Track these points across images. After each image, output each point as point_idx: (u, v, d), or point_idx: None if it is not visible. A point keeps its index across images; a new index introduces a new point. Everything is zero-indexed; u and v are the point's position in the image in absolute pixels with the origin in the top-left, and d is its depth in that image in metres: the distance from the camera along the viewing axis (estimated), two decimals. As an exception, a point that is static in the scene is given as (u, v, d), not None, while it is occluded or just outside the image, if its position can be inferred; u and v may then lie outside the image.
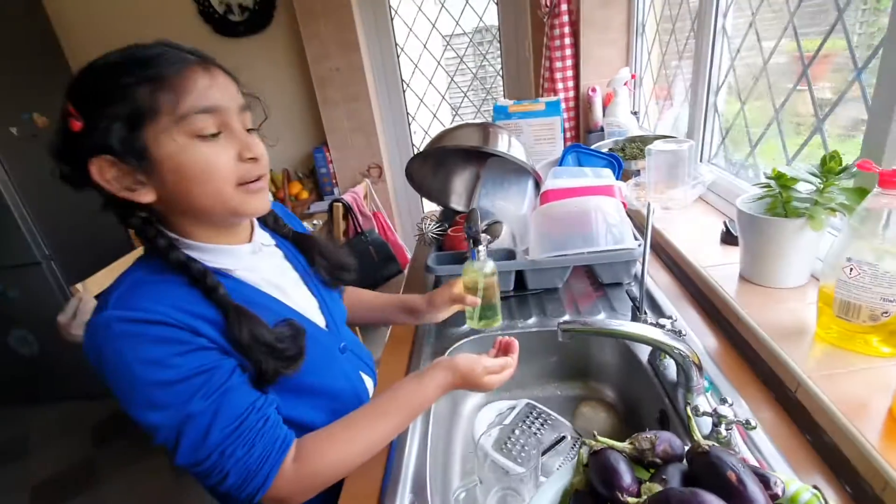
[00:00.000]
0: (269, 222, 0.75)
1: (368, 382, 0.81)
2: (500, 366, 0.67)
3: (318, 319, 0.72)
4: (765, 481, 0.38)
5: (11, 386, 2.40)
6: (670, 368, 0.72)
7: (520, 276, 1.02)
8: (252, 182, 0.57)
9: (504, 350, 0.72)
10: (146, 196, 0.54)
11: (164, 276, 0.56)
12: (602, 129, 1.65)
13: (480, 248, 0.79)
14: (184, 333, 0.52)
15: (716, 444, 0.40)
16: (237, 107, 0.56)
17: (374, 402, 0.64)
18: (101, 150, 0.51)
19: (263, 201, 0.60)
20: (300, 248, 0.75)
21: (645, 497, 0.36)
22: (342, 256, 0.78)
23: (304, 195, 2.55)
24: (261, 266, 0.66)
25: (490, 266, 0.81)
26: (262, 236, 0.70)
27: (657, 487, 0.37)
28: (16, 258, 2.07)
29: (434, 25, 2.48)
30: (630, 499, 0.37)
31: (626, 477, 0.39)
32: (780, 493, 0.37)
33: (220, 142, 0.55)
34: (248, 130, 0.59)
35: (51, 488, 1.93)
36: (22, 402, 2.42)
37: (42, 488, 1.93)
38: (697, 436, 0.41)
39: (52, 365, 2.31)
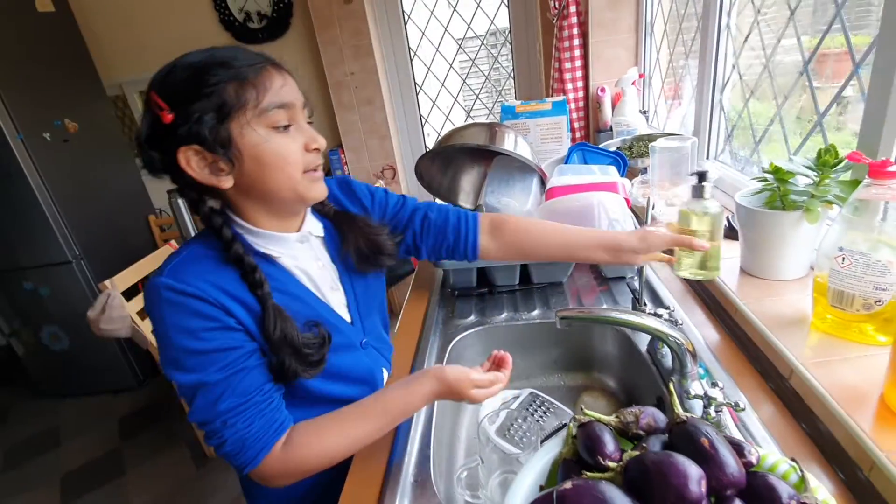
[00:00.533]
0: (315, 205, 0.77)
1: (386, 377, 0.83)
2: (489, 381, 0.67)
3: (344, 314, 0.75)
4: (739, 449, 0.40)
5: (45, 380, 2.52)
6: (667, 357, 0.74)
7: (525, 270, 1.05)
8: (314, 170, 0.64)
9: (497, 364, 0.71)
10: (226, 182, 0.60)
11: (220, 258, 0.62)
12: (611, 128, 1.67)
13: (706, 183, 0.70)
14: (217, 311, 0.58)
15: (694, 415, 0.42)
16: (301, 103, 0.63)
17: (362, 403, 0.66)
18: (190, 140, 0.56)
19: (323, 188, 0.66)
20: (336, 228, 0.76)
21: (624, 461, 0.39)
22: (380, 238, 0.75)
23: (320, 196, 2.62)
24: (303, 255, 0.70)
25: (716, 205, 0.70)
26: (314, 226, 0.73)
27: (637, 454, 0.40)
28: (48, 257, 2.18)
29: (446, 29, 2.53)
30: (610, 463, 0.40)
31: (610, 445, 0.42)
32: (753, 461, 0.40)
33: (291, 133, 0.61)
34: (308, 124, 0.65)
35: (79, 478, 2.02)
36: (54, 395, 2.54)
37: (71, 478, 2.03)
38: (678, 408, 0.43)
39: (80, 360, 2.41)
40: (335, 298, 0.74)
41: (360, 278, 0.78)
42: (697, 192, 0.70)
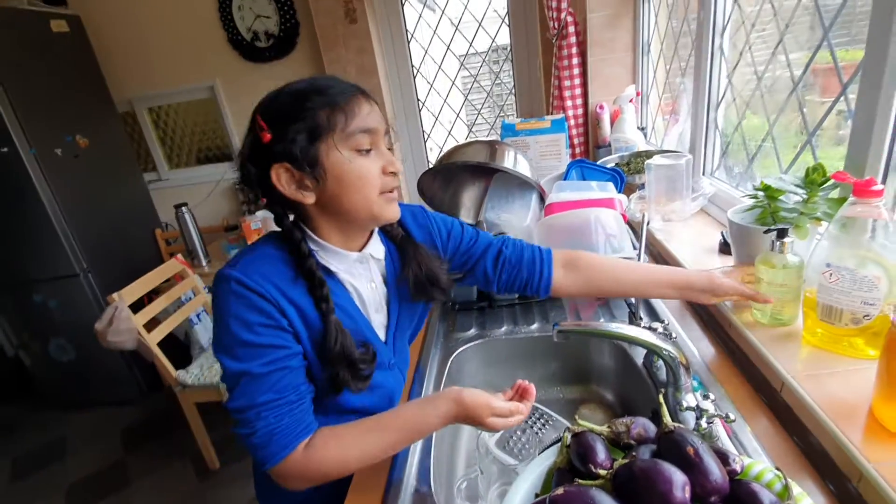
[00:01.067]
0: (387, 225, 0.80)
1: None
2: (510, 410, 0.65)
3: (381, 334, 0.78)
4: (724, 458, 0.42)
5: (51, 391, 2.54)
6: (663, 370, 0.76)
7: (525, 284, 1.07)
8: (389, 192, 0.68)
9: (520, 395, 0.68)
10: (309, 198, 0.64)
11: (289, 264, 0.66)
12: (610, 145, 1.70)
13: (787, 239, 0.71)
14: (275, 311, 0.63)
15: (682, 425, 0.44)
16: (383, 129, 0.68)
17: (382, 416, 0.67)
18: (283, 158, 0.62)
19: (396, 209, 0.70)
20: (400, 252, 0.78)
21: (614, 469, 0.41)
22: (438, 271, 0.77)
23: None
24: (358, 274, 0.74)
25: (795, 259, 0.71)
26: (377, 249, 0.76)
27: (626, 462, 0.42)
28: (57, 270, 2.22)
29: (448, 47, 2.59)
30: (601, 471, 0.42)
31: (601, 454, 0.44)
32: (738, 469, 0.42)
33: (372, 157, 0.66)
34: (389, 149, 0.70)
35: (84, 489, 2.03)
36: (60, 406, 2.56)
37: (77, 489, 2.04)
38: (667, 419, 0.45)
39: (86, 372, 2.44)
40: (377, 319, 0.77)
41: (408, 304, 0.80)
42: (777, 247, 0.72)
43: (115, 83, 2.59)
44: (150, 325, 1.80)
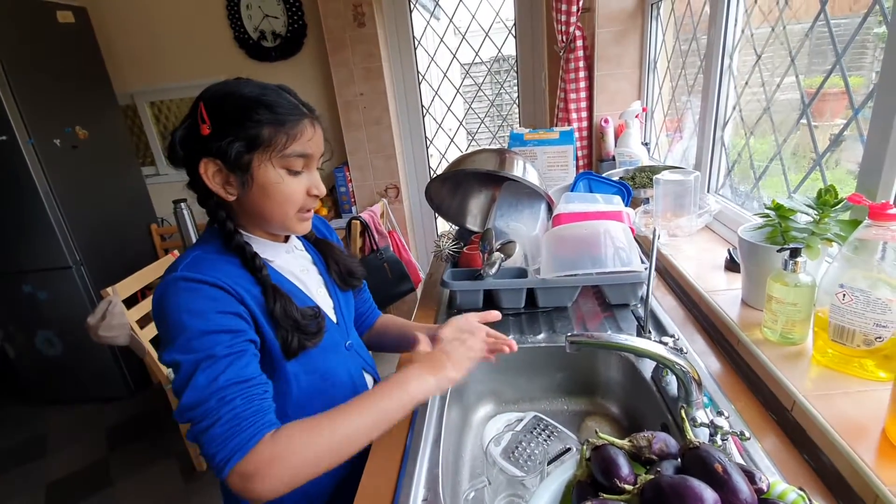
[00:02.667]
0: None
1: (369, 381, 0.88)
2: (459, 341, 0.72)
3: (331, 314, 0.81)
4: (750, 476, 0.42)
5: (35, 385, 2.48)
6: (672, 385, 0.76)
7: (531, 293, 1.07)
8: (307, 211, 0.72)
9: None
10: (230, 197, 0.68)
11: (223, 255, 0.69)
12: (614, 158, 1.72)
13: (799, 259, 0.71)
14: (229, 298, 0.64)
15: (706, 442, 0.44)
16: (319, 154, 0.71)
17: (351, 401, 0.64)
18: (215, 155, 0.64)
19: (308, 227, 0.75)
20: (319, 252, 0.85)
21: (640, 484, 0.41)
22: (352, 264, 0.87)
23: (324, 212, 2.65)
24: (292, 263, 0.78)
25: (807, 279, 0.72)
26: (295, 241, 0.83)
27: (652, 477, 0.41)
28: (49, 262, 2.18)
29: (455, 56, 2.60)
30: (626, 486, 0.41)
31: (625, 468, 0.44)
32: (764, 487, 0.41)
33: (301, 178, 0.69)
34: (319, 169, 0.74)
35: (65, 487, 1.98)
36: (43, 401, 2.50)
37: (57, 487, 1.98)
38: (690, 435, 0.45)
39: (72, 367, 2.38)
40: (322, 298, 0.81)
41: (342, 293, 0.86)
42: (790, 266, 0.72)
43: (117, 76, 2.57)
44: (144, 321, 1.77)
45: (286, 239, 0.79)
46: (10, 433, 2.34)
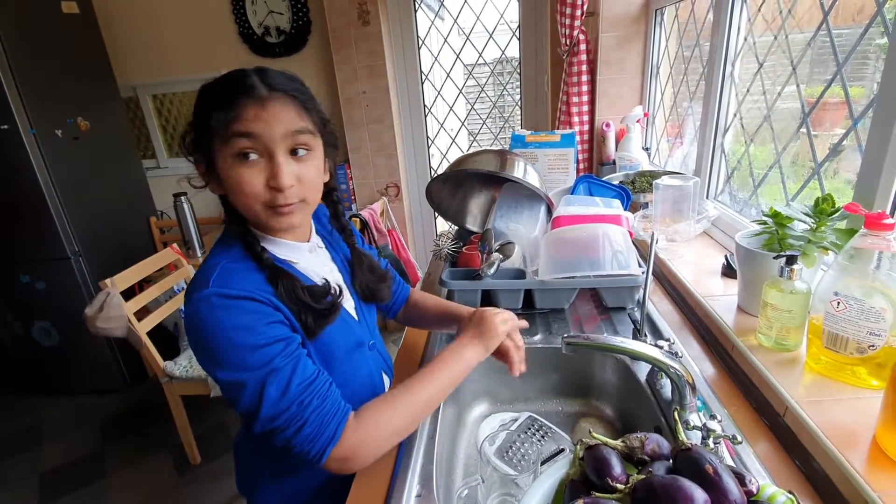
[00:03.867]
0: (344, 233, 0.85)
1: (387, 382, 0.88)
2: (504, 318, 0.77)
3: (353, 313, 0.80)
4: (740, 478, 0.42)
5: (30, 375, 2.48)
6: (666, 388, 0.77)
7: (528, 295, 1.08)
8: (280, 206, 0.63)
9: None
10: (217, 190, 0.67)
11: (244, 262, 0.66)
12: (614, 162, 1.72)
13: (796, 266, 0.71)
14: (267, 308, 0.62)
15: (698, 444, 0.44)
16: (276, 136, 0.60)
17: (413, 376, 0.70)
18: (196, 150, 0.65)
19: (291, 220, 0.66)
20: (351, 261, 0.83)
21: (632, 484, 0.41)
22: (381, 287, 0.85)
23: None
24: (315, 262, 0.76)
25: (802, 286, 0.72)
26: (317, 238, 0.79)
27: (643, 477, 0.42)
28: (48, 252, 2.17)
29: (458, 56, 2.61)
30: (618, 485, 0.42)
31: (617, 468, 0.44)
32: (754, 490, 0.42)
33: (256, 165, 0.61)
34: (297, 154, 0.64)
35: (59, 478, 1.98)
36: (39, 392, 2.50)
37: (51, 477, 1.98)
38: (682, 436, 0.45)
39: (68, 358, 2.38)
40: (347, 302, 0.79)
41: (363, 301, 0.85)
42: (786, 273, 0.72)
43: (120, 68, 2.57)
44: (141, 313, 1.77)
45: (309, 237, 0.76)
46: (5, 423, 2.34)
